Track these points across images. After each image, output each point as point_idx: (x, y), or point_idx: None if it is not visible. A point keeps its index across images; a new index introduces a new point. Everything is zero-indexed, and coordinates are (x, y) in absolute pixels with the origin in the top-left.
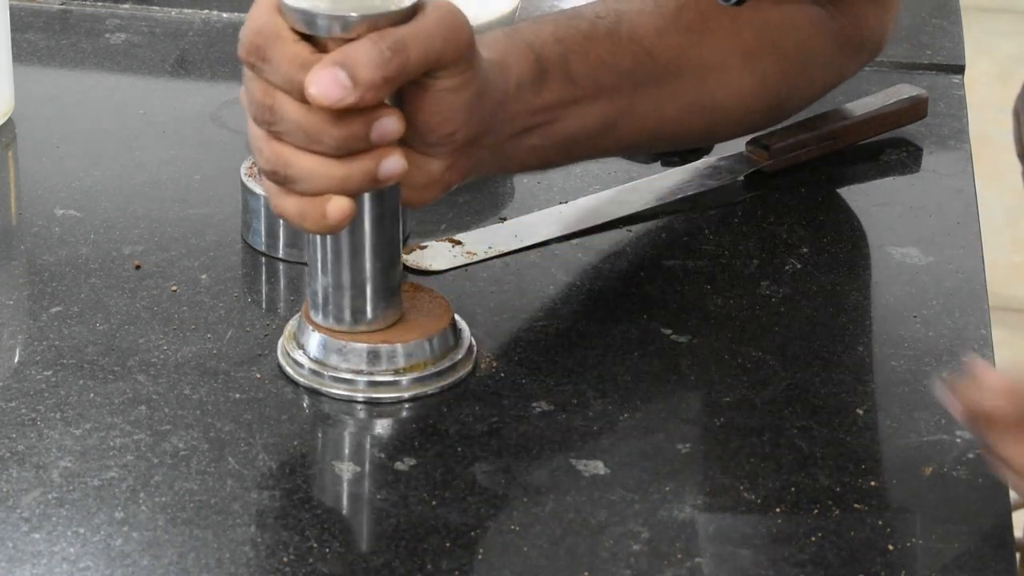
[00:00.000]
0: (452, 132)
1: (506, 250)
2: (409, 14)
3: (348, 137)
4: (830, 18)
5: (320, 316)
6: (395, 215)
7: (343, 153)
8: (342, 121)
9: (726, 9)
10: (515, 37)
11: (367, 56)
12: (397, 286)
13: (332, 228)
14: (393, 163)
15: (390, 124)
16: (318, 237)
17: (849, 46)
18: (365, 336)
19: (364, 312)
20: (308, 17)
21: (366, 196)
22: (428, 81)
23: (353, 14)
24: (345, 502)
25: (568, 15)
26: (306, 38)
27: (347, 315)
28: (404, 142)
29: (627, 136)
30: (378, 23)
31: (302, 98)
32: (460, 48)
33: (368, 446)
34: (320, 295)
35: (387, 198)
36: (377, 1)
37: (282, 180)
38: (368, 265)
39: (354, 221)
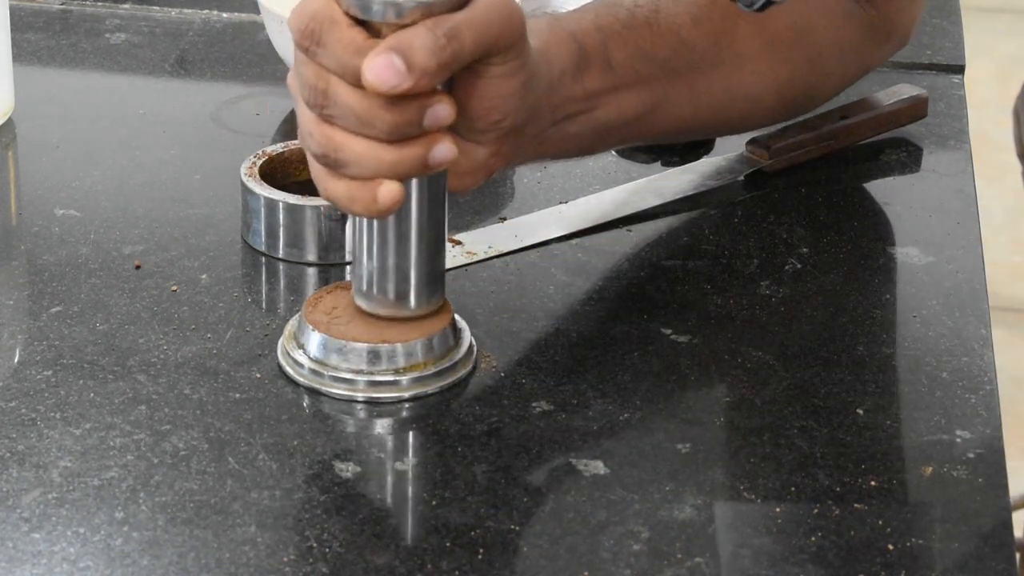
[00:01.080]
0: (500, 119)
1: (506, 250)
2: (463, 1)
3: (401, 123)
4: (860, 8)
5: (364, 301)
6: (441, 201)
7: (395, 138)
8: (395, 106)
9: None
10: (557, 26)
11: (422, 42)
12: (441, 272)
13: (382, 212)
14: (444, 149)
15: (443, 110)
16: (364, 221)
17: (877, 36)
18: (365, 336)
19: (408, 297)
20: (363, 3)
21: (414, 181)
22: (480, 68)
23: (408, 1)
24: (345, 502)
25: (608, 4)
26: (360, 23)
27: (391, 299)
28: (450, 128)
29: (663, 124)
30: (433, 9)
31: (356, 83)
32: (513, 35)
33: (368, 446)
34: (364, 280)
35: (434, 185)
36: None
37: (332, 164)
38: (414, 250)
39: (401, 206)
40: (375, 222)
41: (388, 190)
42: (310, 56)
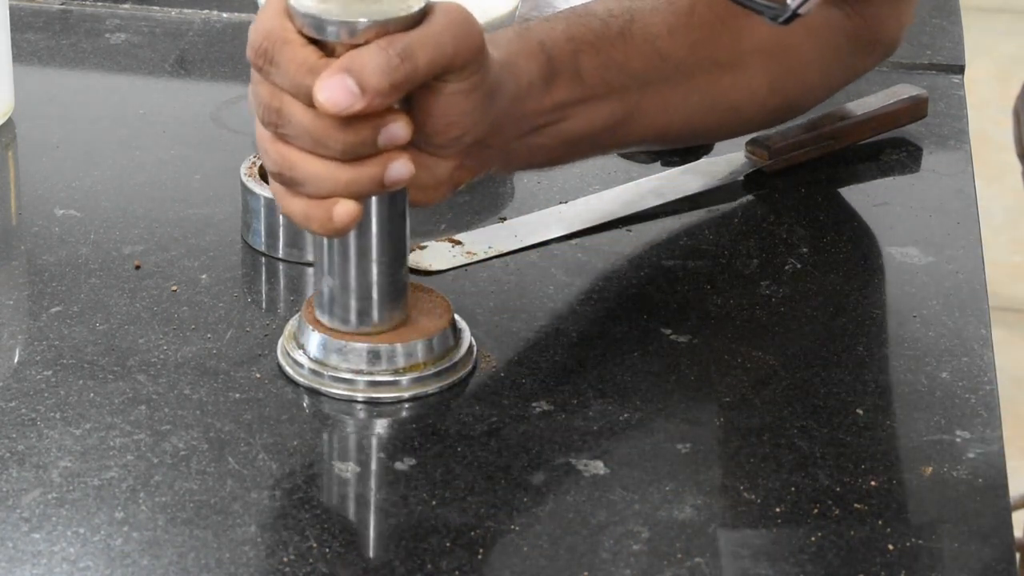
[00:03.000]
0: (461, 135)
1: (506, 250)
2: (418, 19)
3: (355, 142)
4: (845, 17)
5: (326, 317)
6: (402, 217)
7: (350, 157)
8: (349, 126)
9: (739, 9)
10: (527, 36)
11: (375, 63)
12: (404, 288)
13: (338, 231)
14: (400, 168)
15: (398, 129)
16: (325, 239)
17: (863, 45)
18: (365, 336)
19: (370, 314)
20: (317, 22)
21: (373, 198)
22: (437, 85)
23: (362, 19)
24: (345, 502)
25: (580, 13)
26: (314, 42)
27: (353, 316)
28: (412, 143)
29: (635, 134)
30: (387, 28)
31: (309, 102)
32: (470, 52)
33: (368, 446)
34: (326, 296)
35: (395, 201)
36: (386, 6)
37: (288, 182)
38: (375, 267)
39: (361, 223)
40: (334, 239)
41: (344, 209)
42: (264, 75)
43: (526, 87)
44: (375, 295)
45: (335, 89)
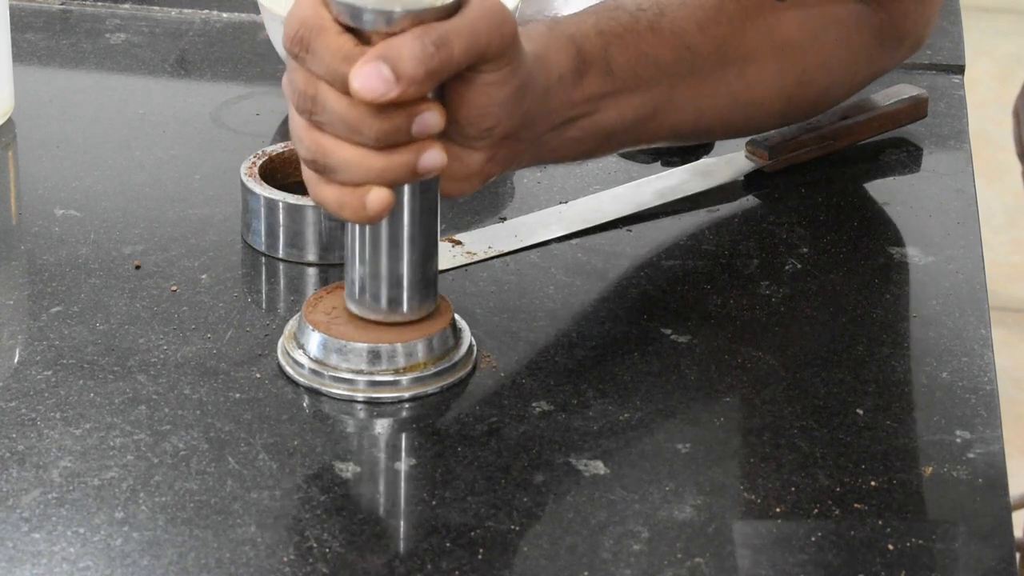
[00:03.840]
0: (493, 126)
1: (506, 250)
2: (453, 8)
3: (389, 130)
4: (872, 13)
5: (356, 306)
6: (434, 207)
7: (383, 145)
8: (383, 114)
9: (767, 3)
10: (557, 30)
11: (410, 51)
12: (434, 277)
13: (370, 218)
14: (433, 157)
15: (431, 119)
16: (357, 227)
17: (890, 41)
18: (365, 336)
19: (400, 302)
20: (353, 10)
21: (405, 187)
22: (471, 75)
23: (398, 8)
24: (345, 502)
25: (610, 7)
26: (350, 31)
27: (383, 305)
28: (444, 134)
29: (665, 128)
30: (422, 17)
31: (345, 90)
32: (504, 43)
33: (368, 446)
34: (357, 284)
35: (426, 190)
36: None
37: (322, 169)
38: (406, 256)
39: (393, 211)
40: (367, 227)
41: (377, 197)
42: (300, 62)
43: (557, 80)
44: (406, 284)
45: (370, 76)
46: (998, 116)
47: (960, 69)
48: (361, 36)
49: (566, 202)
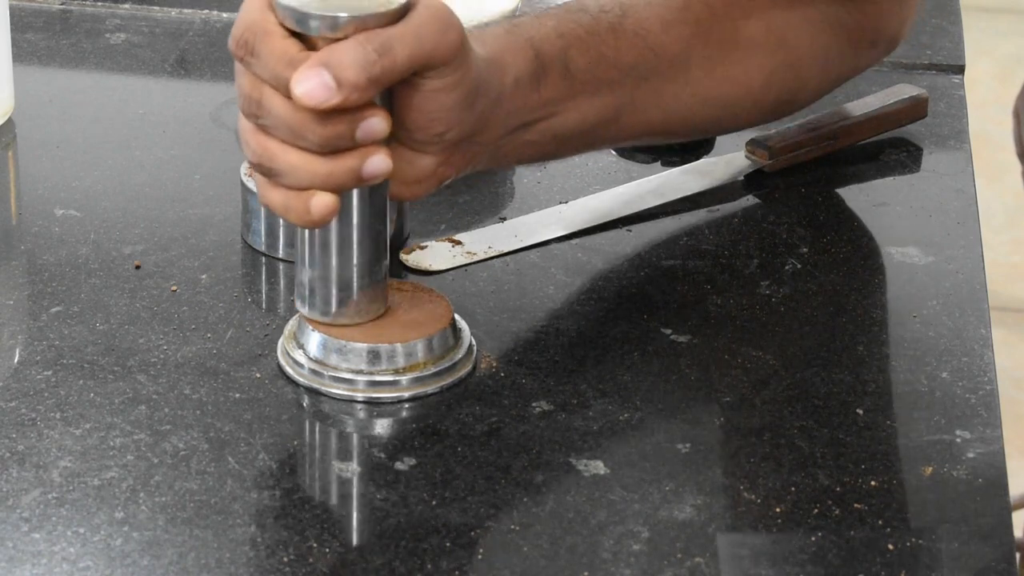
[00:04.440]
0: (443, 131)
1: (506, 250)
2: (399, 14)
3: (333, 136)
4: (845, 13)
5: (306, 308)
6: (382, 210)
7: (328, 150)
8: (327, 120)
9: (735, 3)
10: (515, 32)
11: (352, 58)
12: (383, 280)
13: (315, 223)
14: (378, 162)
15: (376, 124)
16: (305, 230)
17: (863, 41)
18: (365, 336)
19: (349, 305)
20: (298, 15)
21: (354, 191)
22: (418, 81)
23: (342, 14)
24: (345, 502)
25: (572, 9)
26: (296, 35)
27: (333, 307)
28: (395, 138)
29: (628, 129)
30: (367, 23)
31: (289, 94)
32: (450, 49)
33: (368, 446)
34: (307, 287)
35: (375, 194)
36: (367, 1)
37: (267, 173)
38: (355, 259)
39: (341, 215)
40: (315, 230)
41: (321, 201)
42: (245, 66)
43: (512, 84)
44: (355, 286)
45: (311, 83)
46: (998, 116)
47: (960, 69)
48: (307, 41)
49: (566, 202)
